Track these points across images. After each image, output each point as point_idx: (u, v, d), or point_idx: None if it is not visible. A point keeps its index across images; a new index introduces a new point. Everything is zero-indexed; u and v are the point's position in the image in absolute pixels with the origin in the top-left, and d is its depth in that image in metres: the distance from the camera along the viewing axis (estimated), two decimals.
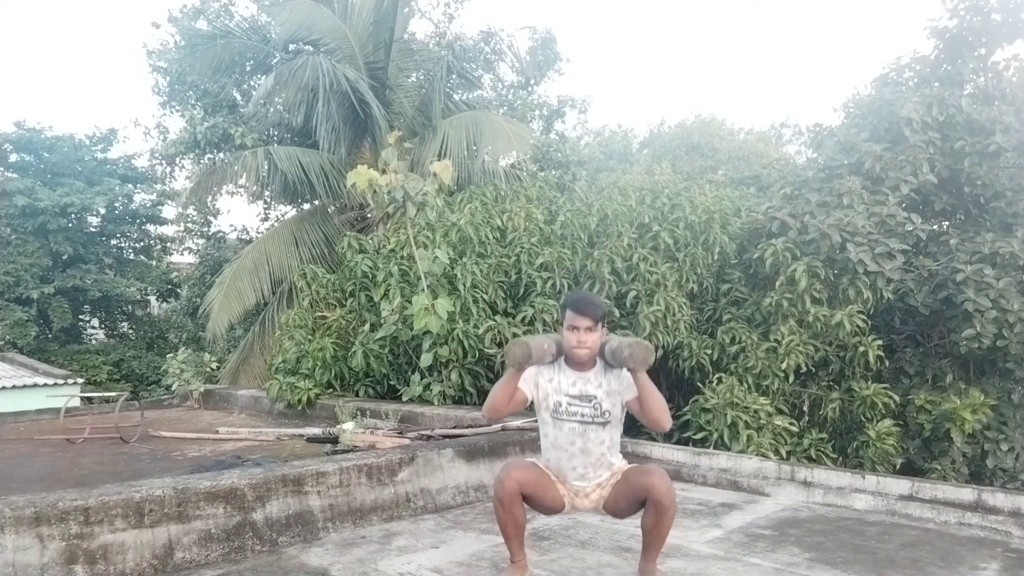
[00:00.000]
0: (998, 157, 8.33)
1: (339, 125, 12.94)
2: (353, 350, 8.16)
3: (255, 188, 14.27)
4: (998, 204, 8.47)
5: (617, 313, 7.85)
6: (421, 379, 7.82)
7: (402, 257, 8.44)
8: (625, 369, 3.27)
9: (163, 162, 18.41)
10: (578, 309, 3.32)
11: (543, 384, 3.39)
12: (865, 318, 7.65)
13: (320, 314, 9.17)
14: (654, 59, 65.97)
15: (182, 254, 22.78)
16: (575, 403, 3.35)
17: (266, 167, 12.91)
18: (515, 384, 3.32)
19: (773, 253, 7.77)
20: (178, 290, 21.63)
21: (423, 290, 7.49)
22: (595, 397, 3.34)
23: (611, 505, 3.41)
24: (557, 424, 3.38)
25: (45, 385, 14.39)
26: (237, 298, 13.05)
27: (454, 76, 13.94)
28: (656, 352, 7.65)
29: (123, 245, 22.07)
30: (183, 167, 18.33)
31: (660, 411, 3.22)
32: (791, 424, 7.27)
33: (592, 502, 3.45)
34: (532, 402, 3.42)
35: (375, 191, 7.51)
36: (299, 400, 8.04)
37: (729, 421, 6.90)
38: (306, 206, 15.84)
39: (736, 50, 66.66)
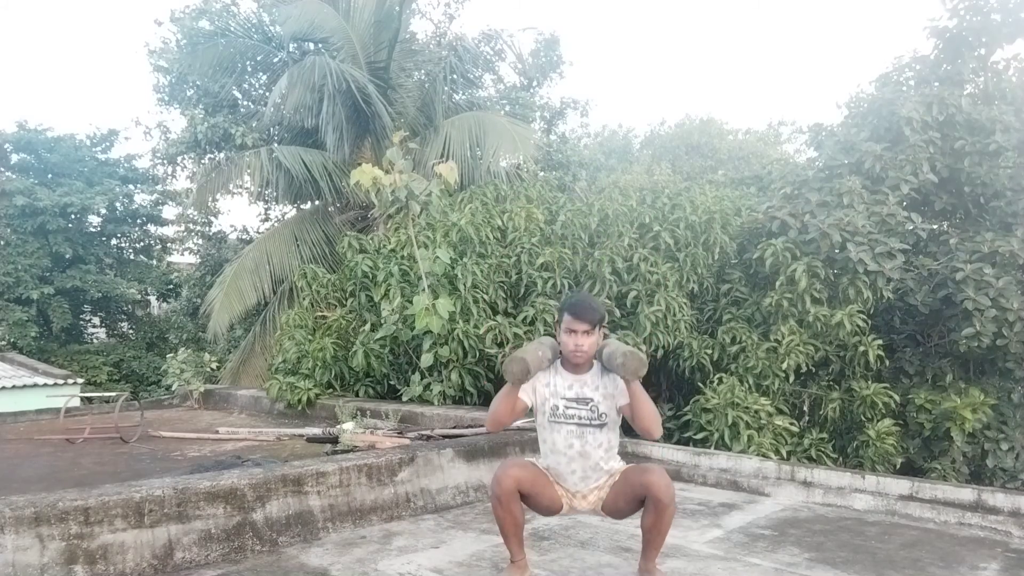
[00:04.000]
0: (998, 157, 8.33)
1: (343, 125, 12.96)
2: (354, 350, 8.16)
3: (257, 188, 14.27)
4: (998, 203, 8.47)
5: (618, 313, 7.85)
6: (421, 379, 7.81)
7: (403, 257, 8.44)
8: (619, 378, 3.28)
9: (164, 162, 18.42)
10: (576, 313, 3.31)
11: (540, 389, 3.39)
12: (865, 318, 7.65)
13: (320, 314, 9.18)
14: (654, 59, 65.95)
15: (182, 254, 22.81)
16: (572, 406, 3.35)
17: (271, 166, 12.94)
18: (516, 396, 3.32)
19: (773, 253, 7.76)
20: (178, 290, 21.63)
21: (424, 290, 7.49)
22: (592, 400, 3.34)
23: (610, 505, 3.41)
24: (555, 428, 3.37)
25: (45, 385, 14.39)
26: (238, 297, 13.07)
27: (455, 76, 13.95)
28: (655, 352, 7.71)
29: (123, 245, 22.08)
30: (184, 167, 18.36)
31: (651, 421, 3.22)
32: (791, 424, 7.27)
33: (590, 504, 3.45)
34: (532, 407, 3.42)
35: (379, 190, 7.50)
36: (299, 400, 8.04)
37: (730, 421, 6.90)
38: (307, 206, 15.85)
39: (736, 50, 66.64)
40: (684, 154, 24.32)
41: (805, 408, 8.14)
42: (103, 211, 19.91)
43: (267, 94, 15.73)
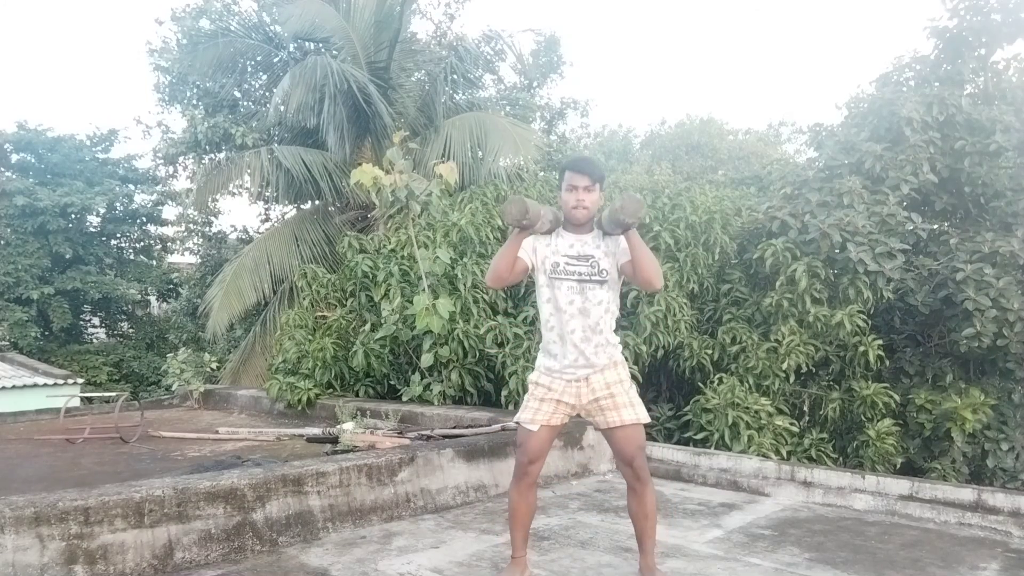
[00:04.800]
0: (998, 157, 8.32)
1: (344, 125, 12.96)
2: (354, 350, 8.16)
3: (258, 188, 14.28)
4: (998, 203, 8.47)
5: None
6: (421, 379, 7.81)
7: (403, 257, 8.43)
8: (620, 236, 3.31)
9: (165, 162, 18.43)
10: (577, 168, 3.35)
11: (541, 249, 3.41)
12: (865, 318, 7.64)
13: (320, 314, 9.17)
14: (654, 59, 65.95)
15: (183, 254, 22.82)
16: (573, 262, 3.36)
17: (271, 166, 12.95)
18: (516, 249, 3.33)
19: (773, 253, 7.76)
20: (179, 290, 21.64)
21: (424, 290, 7.49)
22: (592, 256, 3.36)
23: (601, 424, 3.40)
24: (555, 284, 3.37)
25: (45, 385, 14.40)
26: (237, 296, 13.07)
27: (456, 77, 13.95)
28: (656, 352, 7.70)
29: (123, 245, 22.10)
30: (185, 167, 18.37)
31: (651, 270, 3.25)
32: (792, 424, 7.26)
33: (592, 392, 3.34)
34: (532, 268, 3.42)
35: (379, 190, 7.50)
36: (299, 400, 8.04)
37: (730, 421, 6.89)
38: (307, 206, 15.86)
39: (736, 50, 66.65)
40: (684, 154, 24.31)
41: (805, 408, 8.14)
42: (103, 211, 19.93)
43: (267, 94, 15.74)
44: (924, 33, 9.94)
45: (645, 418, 3.40)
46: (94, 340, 21.73)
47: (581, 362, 3.33)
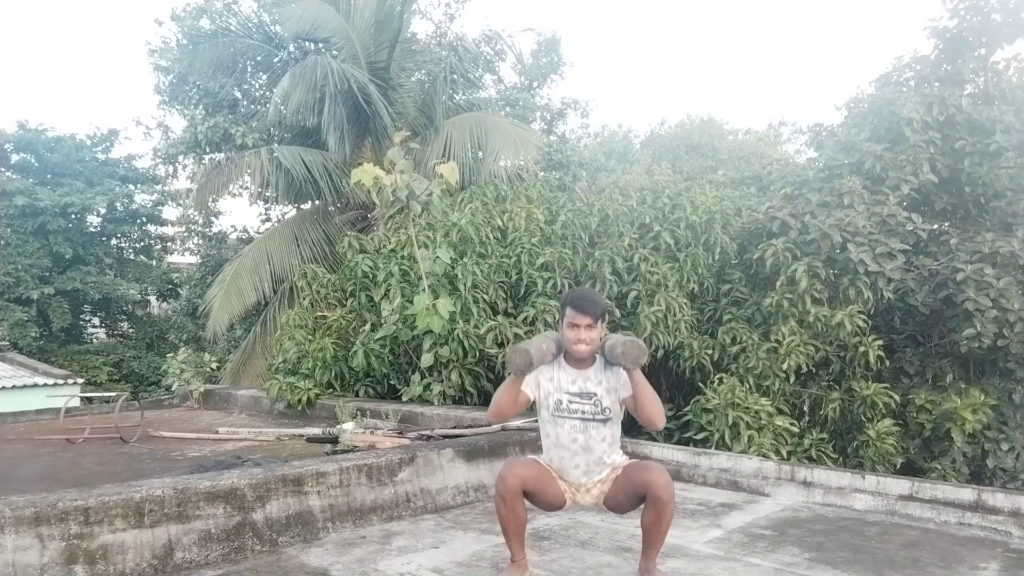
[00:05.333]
0: (998, 157, 8.32)
1: (344, 125, 12.96)
2: (354, 350, 8.16)
3: (258, 188, 14.27)
4: (998, 204, 8.46)
5: (618, 313, 7.85)
6: (421, 379, 7.81)
7: (403, 257, 8.43)
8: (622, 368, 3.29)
9: (165, 162, 18.42)
10: (578, 307, 3.33)
11: (544, 383, 3.41)
12: (865, 318, 7.64)
13: (320, 314, 9.17)
14: (654, 59, 65.96)
15: (183, 254, 22.82)
16: (576, 400, 3.37)
17: (271, 166, 12.95)
18: (518, 388, 3.34)
19: (774, 253, 7.76)
20: (178, 290, 21.64)
21: (424, 290, 7.49)
22: (595, 394, 3.36)
23: (611, 500, 3.43)
24: (558, 422, 3.39)
25: (45, 385, 14.39)
26: (237, 296, 13.08)
27: (456, 77, 13.94)
28: (656, 352, 7.70)
29: (123, 245, 22.08)
30: (185, 167, 18.36)
31: (654, 410, 3.24)
32: (792, 424, 7.26)
33: (593, 497, 3.46)
34: (534, 401, 3.43)
35: (379, 190, 7.50)
36: (299, 400, 8.04)
37: (730, 421, 6.89)
38: (307, 206, 15.86)
39: (736, 50, 66.66)
40: (684, 154, 24.32)
41: (805, 408, 8.14)
42: (103, 211, 19.91)
43: (267, 94, 15.73)
44: (924, 33, 9.96)
45: (621, 460, 3.47)
46: (94, 340, 21.73)
47: (583, 480, 3.44)
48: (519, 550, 3.40)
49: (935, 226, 8.85)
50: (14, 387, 14.03)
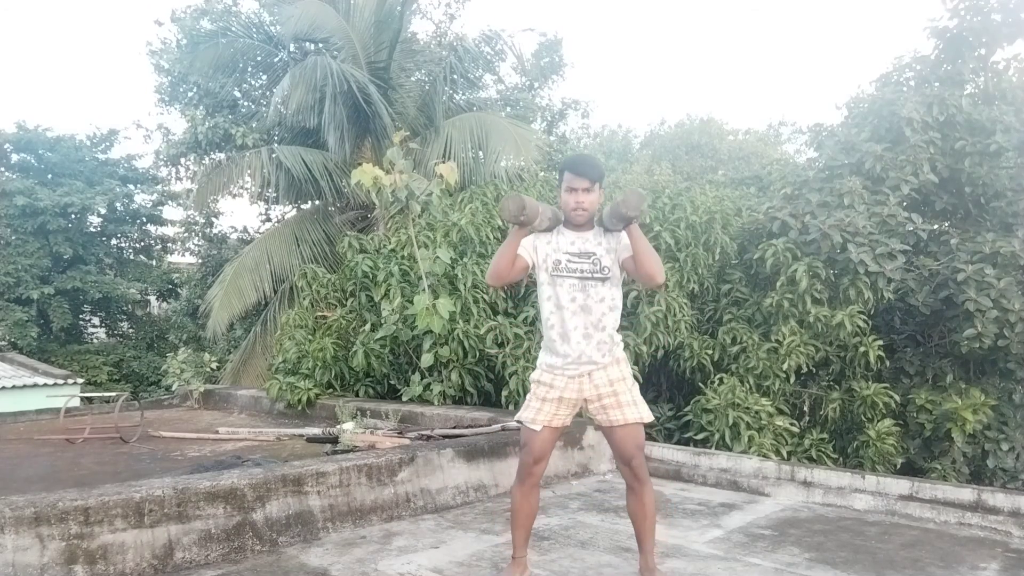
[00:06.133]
0: (999, 157, 8.32)
1: (344, 125, 12.98)
2: (354, 350, 8.16)
3: (259, 188, 14.29)
4: (999, 204, 8.46)
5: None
6: (421, 379, 7.81)
7: (403, 257, 8.43)
8: (622, 232, 3.30)
9: (167, 163, 18.43)
10: (576, 170, 3.32)
11: (541, 247, 3.39)
12: (866, 318, 7.64)
13: (320, 314, 9.17)
14: (654, 59, 65.97)
15: (183, 255, 22.82)
16: (574, 260, 3.34)
17: (272, 167, 12.96)
18: (516, 247, 3.32)
19: (774, 253, 7.76)
20: (178, 290, 21.64)
21: (424, 290, 7.49)
22: (594, 254, 3.35)
23: (603, 421, 3.40)
24: (557, 282, 3.35)
25: (45, 385, 14.40)
26: (238, 296, 13.09)
27: (456, 77, 13.95)
28: (656, 352, 7.70)
29: (123, 245, 22.10)
30: (187, 167, 18.37)
31: (653, 264, 3.23)
32: (792, 424, 7.26)
33: (595, 387, 3.34)
34: (532, 266, 3.41)
35: (379, 190, 7.51)
36: (299, 400, 8.04)
37: (730, 422, 6.89)
38: (307, 206, 15.86)
39: (736, 50, 66.66)
40: (684, 154, 24.32)
41: (805, 408, 8.14)
42: (103, 211, 19.93)
43: (267, 94, 15.74)
44: (924, 33, 9.97)
45: (648, 416, 3.39)
46: (94, 340, 21.73)
47: (584, 359, 3.31)
48: (522, 545, 3.39)
49: (935, 226, 8.85)
50: (14, 387, 14.03)
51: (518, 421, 3.46)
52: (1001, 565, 3.91)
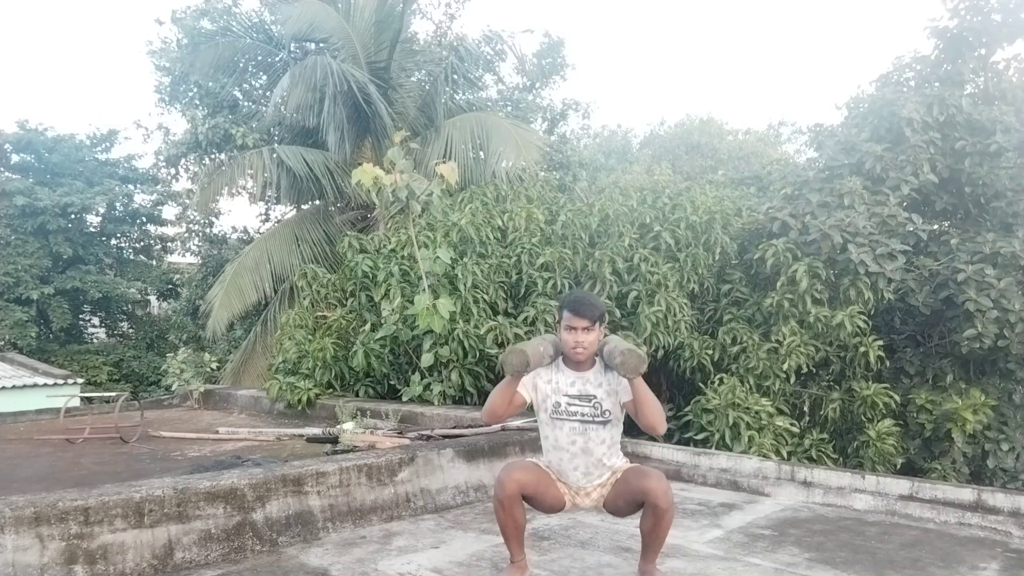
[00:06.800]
0: (999, 157, 8.32)
1: (344, 124, 12.98)
2: (354, 350, 8.16)
3: (259, 189, 14.28)
4: (999, 204, 8.47)
5: (618, 313, 7.85)
6: (421, 379, 7.81)
7: (403, 257, 8.43)
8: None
9: (167, 164, 18.43)
10: (575, 310, 3.30)
11: (541, 386, 3.38)
12: (866, 318, 7.64)
13: (320, 314, 9.17)
14: (654, 59, 65.97)
15: (183, 255, 22.83)
16: (575, 403, 3.34)
17: (273, 166, 12.96)
18: (514, 389, 3.31)
19: (774, 254, 7.76)
20: (178, 290, 21.65)
21: (424, 290, 7.49)
22: (595, 396, 3.34)
23: (611, 504, 3.41)
24: (557, 424, 3.36)
25: (45, 385, 14.39)
26: (238, 295, 13.10)
27: (456, 77, 13.95)
28: (656, 352, 7.70)
29: (123, 245, 22.10)
30: (187, 168, 18.37)
31: (655, 417, 3.20)
32: (792, 425, 7.26)
33: (593, 500, 3.45)
34: (531, 404, 3.41)
35: (379, 190, 7.51)
36: (299, 400, 8.04)
37: (731, 422, 6.89)
38: (307, 205, 15.86)
39: (736, 50, 66.67)
40: (684, 154, 24.34)
41: (806, 408, 8.14)
42: (103, 211, 19.93)
43: (267, 94, 15.73)
44: (924, 33, 9.98)
45: (621, 463, 3.45)
46: (94, 340, 21.73)
47: (580, 488, 3.42)
48: (518, 551, 3.39)
49: (935, 226, 8.86)
50: (14, 387, 14.03)
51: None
52: (1001, 565, 3.91)
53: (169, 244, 22.74)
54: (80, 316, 21.01)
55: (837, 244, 7.59)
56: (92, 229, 20.54)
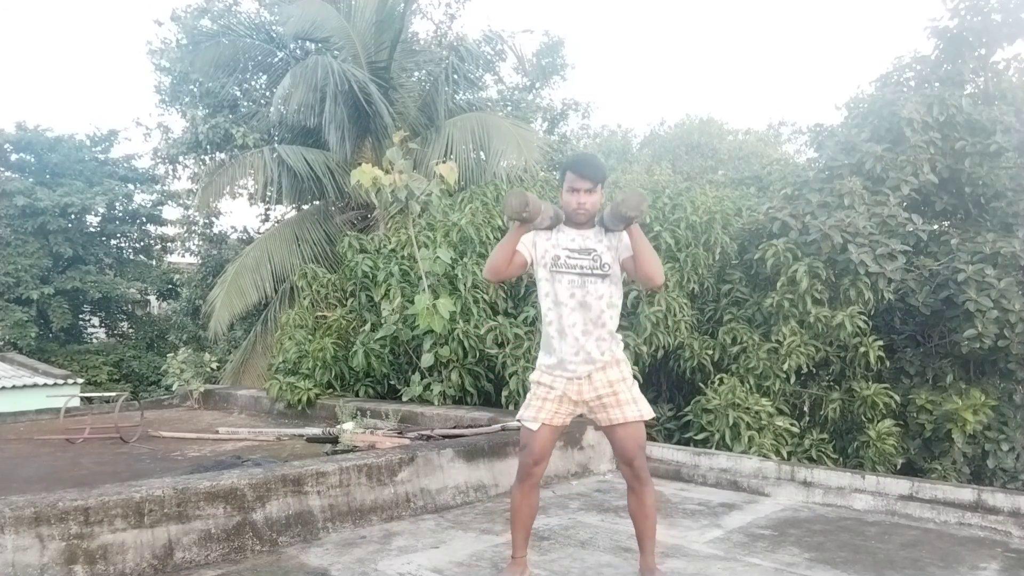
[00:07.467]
0: (999, 157, 8.32)
1: (345, 124, 12.98)
2: (354, 350, 8.16)
3: (260, 188, 14.29)
4: (999, 204, 8.46)
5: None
6: (421, 379, 7.81)
7: (403, 257, 8.43)
8: (622, 232, 3.30)
9: (166, 162, 18.42)
10: (578, 170, 3.32)
11: (541, 243, 3.38)
12: (866, 319, 7.64)
13: (320, 314, 9.17)
14: (654, 59, 65.98)
15: (183, 255, 22.84)
16: (574, 256, 3.33)
17: (274, 166, 12.96)
18: (515, 243, 3.30)
19: (774, 254, 7.76)
20: (179, 290, 21.66)
21: (424, 290, 7.49)
22: (595, 250, 3.34)
23: (603, 421, 3.37)
24: (555, 278, 3.34)
25: (45, 385, 14.40)
26: (239, 295, 13.10)
27: (456, 77, 13.95)
28: (656, 352, 7.70)
29: (123, 245, 22.11)
30: (186, 167, 18.37)
31: (653, 265, 3.23)
32: (792, 425, 7.26)
33: (595, 389, 3.32)
34: (531, 263, 3.40)
35: (379, 190, 7.50)
36: (299, 400, 8.04)
37: (731, 422, 6.89)
38: (307, 206, 15.86)
39: (736, 50, 66.67)
40: (684, 154, 24.32)
41: (806, 409, 8.13)
42: (103, 211, 19.94)
43: (268, 94, 15.75)
44: (924, 33, 9.97)
45: (649, 414, 3.37)
46: (94, 340, 21.74)
47: (582, 357, 3.29)
48: (522, 545, 3.39)
49: (935, 227, 8.85)
50: (14, 387, 14.03)
51: (518, 420, 3.45)
52: (1001, 565, 3.91)
53: (169, 244, 22.74)
54: (80, 316, 21.02)
55: (837, 244, 7.59)
56: (92, 229, 20.55)
